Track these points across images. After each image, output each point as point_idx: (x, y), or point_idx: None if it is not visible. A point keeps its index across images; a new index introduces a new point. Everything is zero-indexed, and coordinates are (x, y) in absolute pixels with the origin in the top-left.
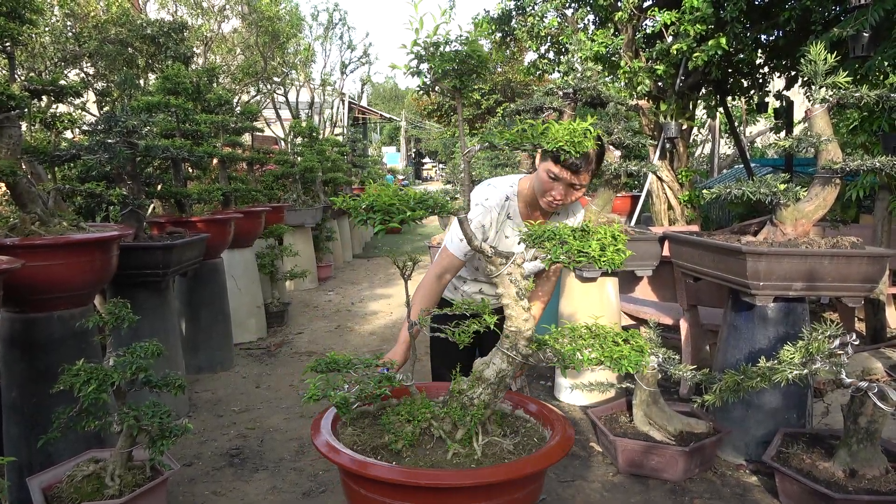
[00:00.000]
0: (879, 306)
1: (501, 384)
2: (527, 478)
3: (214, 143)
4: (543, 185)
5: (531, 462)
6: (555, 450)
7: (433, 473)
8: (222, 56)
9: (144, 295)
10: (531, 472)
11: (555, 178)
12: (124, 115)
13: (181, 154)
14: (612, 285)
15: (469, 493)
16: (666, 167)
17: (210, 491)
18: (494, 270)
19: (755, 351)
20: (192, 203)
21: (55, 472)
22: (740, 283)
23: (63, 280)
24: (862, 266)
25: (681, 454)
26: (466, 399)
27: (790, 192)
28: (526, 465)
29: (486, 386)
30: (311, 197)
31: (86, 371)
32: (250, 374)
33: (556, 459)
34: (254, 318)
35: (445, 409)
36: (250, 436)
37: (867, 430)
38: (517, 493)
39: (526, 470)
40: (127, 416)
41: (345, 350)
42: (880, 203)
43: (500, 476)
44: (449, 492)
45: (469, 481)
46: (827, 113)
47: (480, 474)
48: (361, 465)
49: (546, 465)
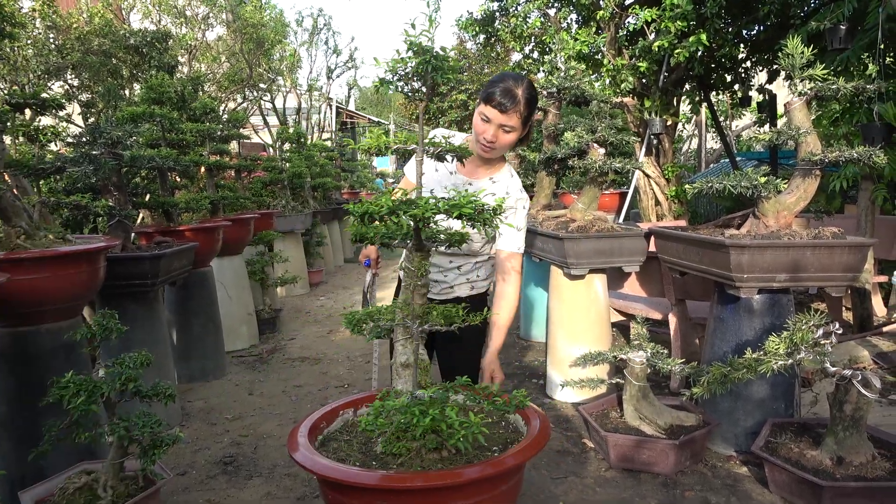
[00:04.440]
0: (866, 295)
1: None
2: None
3: (201, 152)
4: (477, 128)
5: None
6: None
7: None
8: (207, 64)
9: (133, 305)
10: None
11: (486, 119)
12: (108, 127)
13: (167, 163)
14: (600, 282)
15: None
16: (652, 163)
17: (204, 499)
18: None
19: (742, 343)
20: (179, 212)
21: (47, 485)
22: (724, 276)
23: (50, 293)
24: (844, 256)
25: (671, 447)
26: None
27: (771, 185)
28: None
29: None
30: (301, 202)
31: (75, 383)
32: (243, 381)
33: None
34: (245, 326)
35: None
36: (244, 443)
37: (852, 418)
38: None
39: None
40: (117, 426)
41: (337, 355)
42: (863, 193)
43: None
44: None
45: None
46: (805, 105)
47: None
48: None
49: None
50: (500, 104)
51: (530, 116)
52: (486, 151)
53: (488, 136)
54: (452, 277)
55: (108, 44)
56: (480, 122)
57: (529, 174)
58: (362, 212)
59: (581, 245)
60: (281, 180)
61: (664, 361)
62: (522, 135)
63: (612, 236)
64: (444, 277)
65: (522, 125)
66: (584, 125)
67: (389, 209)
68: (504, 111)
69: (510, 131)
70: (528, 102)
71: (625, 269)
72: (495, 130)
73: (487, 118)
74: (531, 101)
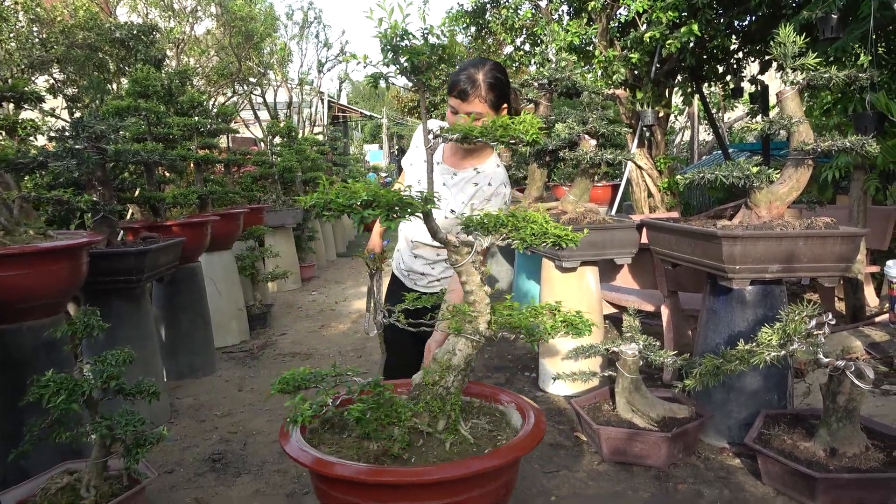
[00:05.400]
0: (858, 286)
1: (468, 368)
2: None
3: (189, 146)
4: (448, 120)
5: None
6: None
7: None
8: (196, 58)
9: (119, 301)
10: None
11: (454, 110)
12: (92, 121)
13: (152, 158)
14: (591, 274)
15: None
16: (644, 155)
17: (192, 497)
18: (460, 259)
19: (734, 334)
20: (167, 207)
21: (29, 485)
22: (717, 267)
23: (30, 290)
24: (836, 246)
25: (663, 440)
26: (443, 389)
27: (763, 175)
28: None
29: (456, 373)
30: (292, 197)
31: (55, 382)
32: (233, 377)
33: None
34: (235, 321)
35: (421, 405)
36: (233, 440)
37: (846, 409)
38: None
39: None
40: (99, 425)
41: (329, 350)
42: (855, 183)
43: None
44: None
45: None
46: (798, 95)
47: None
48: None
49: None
50: (461, 92)
51: (500, 100)
52: (461, 142)
53: None
54: (440, 270)
55: (94, 37)
56: (450, 114)
57: (521, 166)
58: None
59: None
60: (271, 174)
61: (656, 354)
62: None
63: (603, 228)
64: (432, 270)
65: (492, 110)
66: (575, 116)
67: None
68: (466, 98)
69: (479, 118)
70: (492, 86)
71: (617, 261)
72: (464, 121)
73: (454, 109)
74: (495, 84)
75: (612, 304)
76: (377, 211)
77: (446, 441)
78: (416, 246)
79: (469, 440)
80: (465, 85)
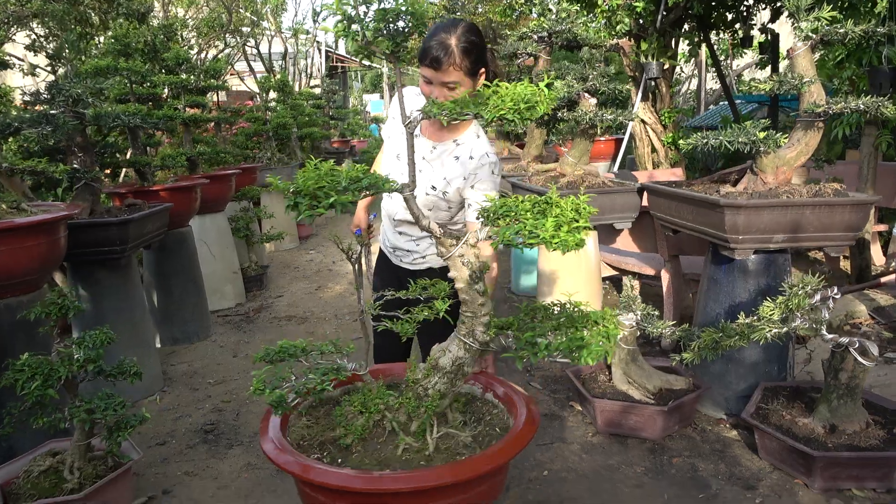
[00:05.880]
0: (865, 245)
1: (459, 373)
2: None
3: (176, 106)
4: (423, 90)
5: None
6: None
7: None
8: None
9: (104, 272)
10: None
11: (427, 80)
12: (68, 83)
13: (133, 122)
14: (590, 240)
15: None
16: (648, 109)
17: (182, 471)
18: (445, 252)
19: (735, 304)
20: (153, 171)
21: (12, 467)
22: (719, 236)
23: (6, 267)
24: (845, 214)
25: (659, 413)
26: (421, 389)
27: (770, 140)
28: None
29: (442, 375)
30: (287, 154)
31: (30, 366)
32: (228, 342)
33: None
34: (230, 284)
35: (400, 400)
36: (226, 409)
37: (848, 386)
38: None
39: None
40: (78, 409)
41: (324, 313)
42: (866, 139)
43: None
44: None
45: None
46: (810, 51)
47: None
48: (305, 468)
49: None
50: (434, 60)
51: (477, 65)
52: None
53: (436, 98)
54: (425, 247)
55: None
56: (424, 84)
57: None
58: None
59: None
60: (265, 131)
61: (654, 325)
62: (477, 85)
63: (602, 192)
64: (417, 247)
65: (468, 76)
66: (574, 73)
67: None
68: (439, 67)
69: (455, 87)
70: (467, 51)
71: (616, 226)
72: (440, 90)
73: (428, 79)
74: (470, 48)
75: (612, 267)
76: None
77: (400, 444)
78: (398, 224)
79: (427, 450)
80: (437, 52)
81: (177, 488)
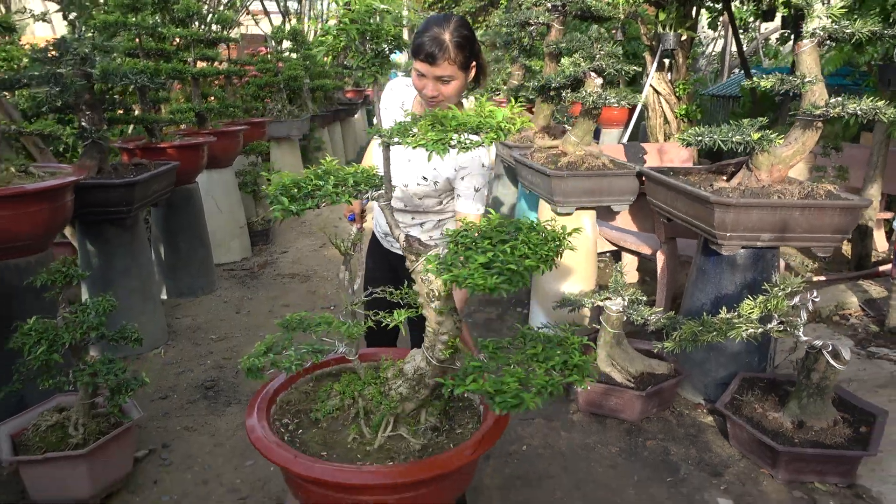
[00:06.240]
0: (867, 232)
1: (420, 382)
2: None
3: (185, 58)
4: (415, 84)
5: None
6: (429, 466)
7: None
8: None
9: (112, 229)
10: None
11: (420, 74)
12: (76, 42)
13: (141, 80)
14: (588, 219)
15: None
16: (663, 79)
17: (182, 426)
18: (409, 266)
19: (721, 296)
20: (161, 127)
21: (22, 419)
22: (708, 231)
23: (11, 231)
24: (835, 217)
25: (637, 398)
26: (386, 388)
27: (764, 142)
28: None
29: (404, 380)
30: (298, 106)
31: (37, 331)
32: (232, 298)
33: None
34: (237, 239)
35: (370, 392)
36: (226, 366)
37: (818, 386)
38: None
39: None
40: (82, 373)
41: (327, 272)
42: (879, 125)
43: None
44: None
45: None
46: (816, 49)
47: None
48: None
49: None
50: (428, 55)
51: (469, 59)
52: (433, 107)
53: (428, 92)
54: (415, 235)
55: None
56: (417, 77)
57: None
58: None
59: (568, 183)
60: (276, 83)
61: (638, 312)
62: (469, 80)
63: (602, 175)
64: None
65: (461, 70)
66: (582, 52)
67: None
68: (433, 62)
69: (449, 81)
70: (460, 46)
71: (614, 209)
72: (434, 84)
73: (422, 73)
74: (463, 43)
75: (611, 243)
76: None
77: (351, 433)
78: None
79: (371, 445)
80: (431, 48)
81: (175, 442)
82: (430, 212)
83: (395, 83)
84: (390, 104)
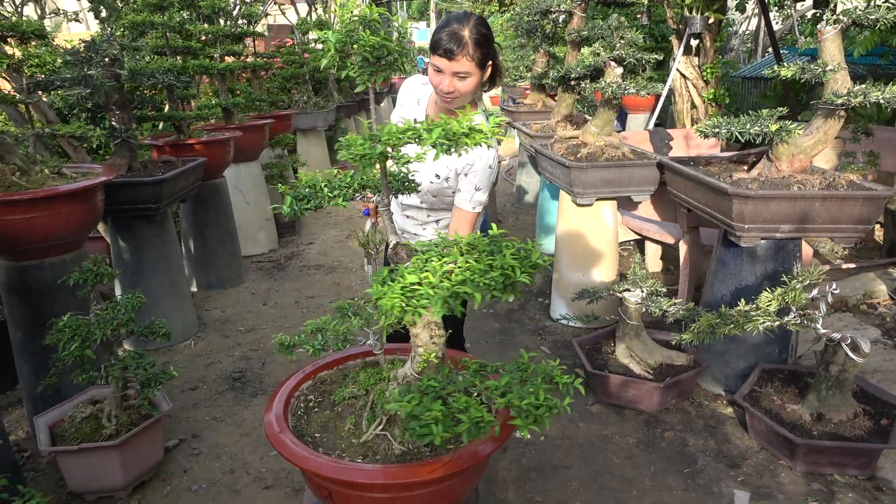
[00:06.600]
0: None
1: (409, 389)
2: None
3: (211, 54)
4: (432, 80)
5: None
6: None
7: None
8: None
9: (143, 225)
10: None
11: (438, 70)
12: (105, 44)
13: (167, 80)
14: (609, 209)
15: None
16: (690, 63)
17: (211, 416)
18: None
19: (741, 287)
20: (189, 123)
21: (59, 410)
22: (727, 223)
23: (47, 230)
24: (856, 208)
25: (656, 389)
26: (380, 392)
27: (783, 132)
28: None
29: (396, 385)
30: (324, 97)
31: (70, 327)
32: (259, 290)
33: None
34: (264, 231)
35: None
36: (253, 357)
37: (837, 379)
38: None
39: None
40: (114, 367)
41: (352, 264)
42: None
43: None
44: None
45: None
46: (839, 35)
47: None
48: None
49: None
50: (446, 51)
51: (486, 57)
52: (448, 103)
53: (444, 88)
54: (430, 232)
55: None
56: (434, 73)
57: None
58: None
59: (588, 174)
60: (302, 75)
61: (657, 304)
62: (485, 77)
63: (621, 165)
64: (423, 231)
65: (479, 67)
66: (601, 42)
67: None
68: (452, 58)
69: (465, 77)
70: (478, 43)
71: (634, 199)
72: (450, 80)
73: (439, 68)
74: (481, 40)
75: (633, 231)
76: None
77: (348, 422)
78: (406, 208)
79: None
80: (450, 43)
81: (205, 433)
82: (445, 209)
83: (412, 81)
84: (406, 101)
